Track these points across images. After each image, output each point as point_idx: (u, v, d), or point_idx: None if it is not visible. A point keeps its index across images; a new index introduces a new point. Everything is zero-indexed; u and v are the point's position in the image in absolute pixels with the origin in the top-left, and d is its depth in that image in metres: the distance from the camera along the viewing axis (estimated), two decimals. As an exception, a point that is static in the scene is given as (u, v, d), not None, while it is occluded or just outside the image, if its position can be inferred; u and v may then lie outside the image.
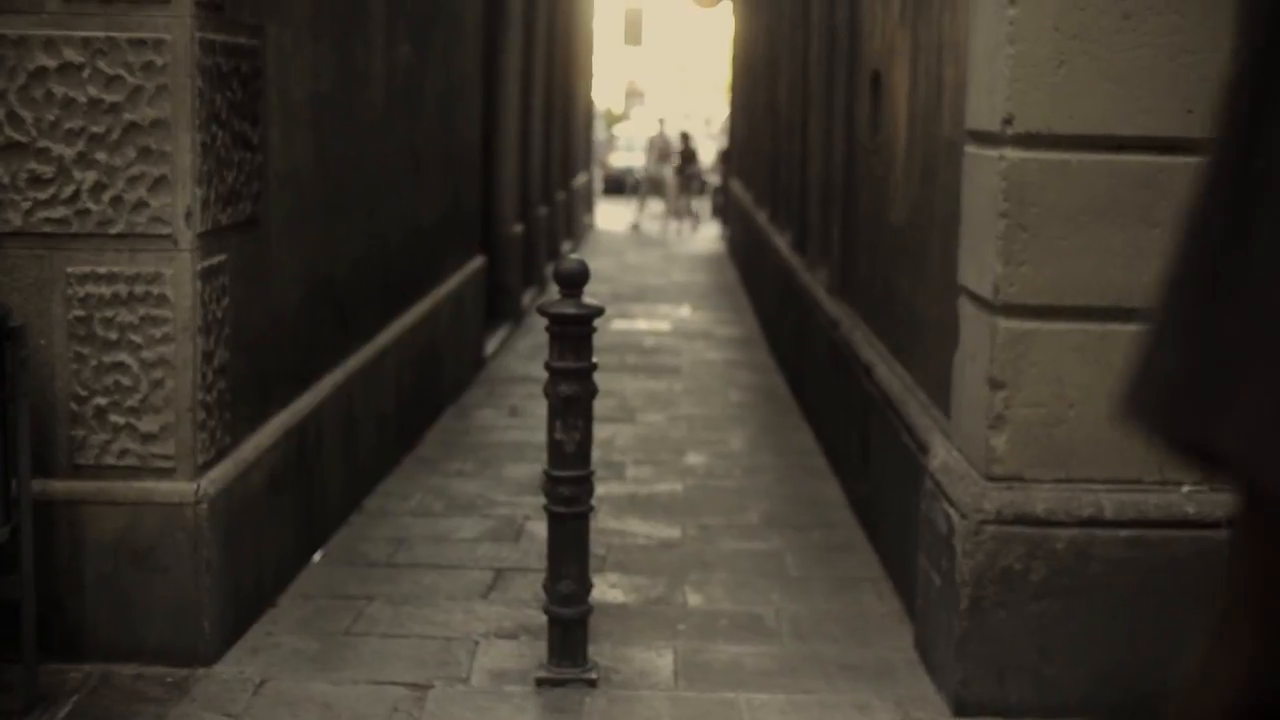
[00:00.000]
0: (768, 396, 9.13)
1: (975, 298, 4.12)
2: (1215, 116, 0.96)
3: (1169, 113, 3.84)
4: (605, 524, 5.89)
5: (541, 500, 4.35)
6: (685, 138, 24.31)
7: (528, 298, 12.27)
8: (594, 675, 4.23)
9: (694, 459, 7.23)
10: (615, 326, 11.45)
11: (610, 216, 24.64)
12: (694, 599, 5.03)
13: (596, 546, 5.16)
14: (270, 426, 4.90)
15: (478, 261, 9.77)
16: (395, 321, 7.01)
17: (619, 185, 28.61)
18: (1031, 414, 3.95)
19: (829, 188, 7.75)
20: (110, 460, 4.18)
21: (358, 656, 4.41)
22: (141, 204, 4.10)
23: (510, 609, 4.88)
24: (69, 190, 4.09)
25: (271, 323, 4.91)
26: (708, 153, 30.43)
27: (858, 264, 6.75)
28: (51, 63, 4.04)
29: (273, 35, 4.82)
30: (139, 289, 4.13)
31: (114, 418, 4.17)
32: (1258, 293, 0.83)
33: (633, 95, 39.14)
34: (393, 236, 6.91)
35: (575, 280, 4.13)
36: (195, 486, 4.20)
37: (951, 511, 4.09)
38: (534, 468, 6.70)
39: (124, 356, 4.15)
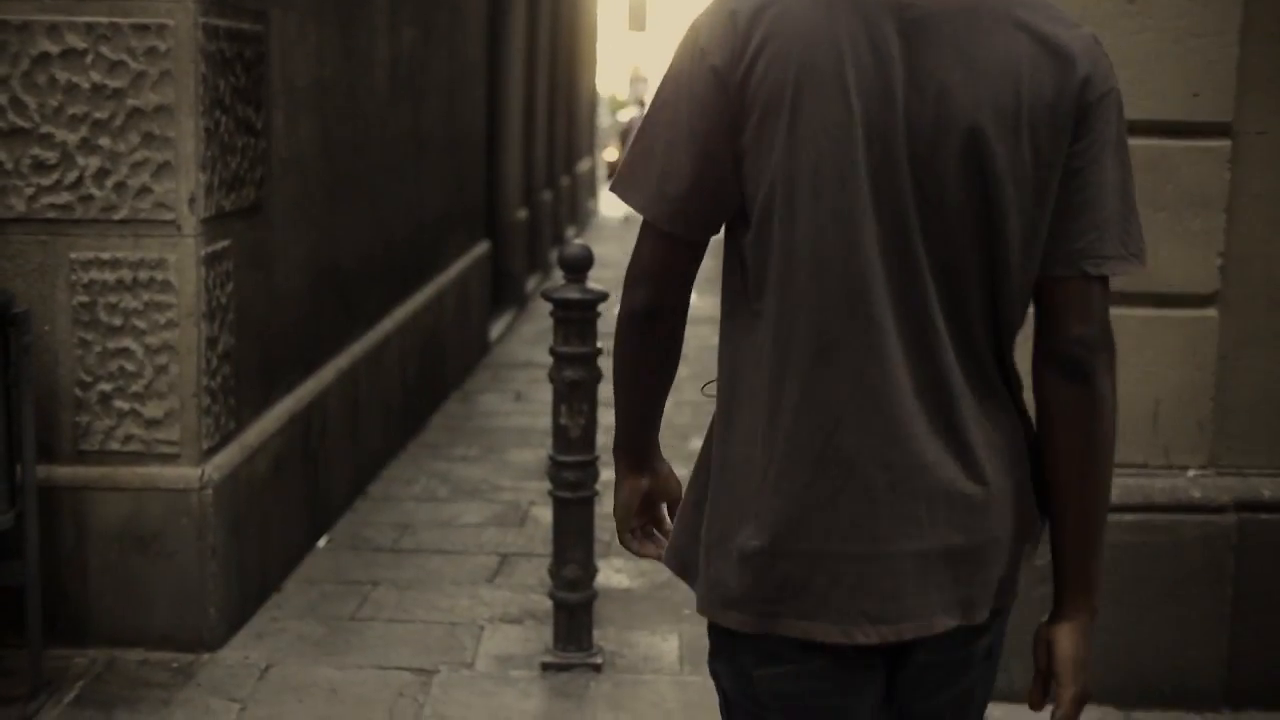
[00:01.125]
0: (772, 382, 9.11)
1: (980, 282, 4.12)
2: None
3: (1174, 96, 3.83)
4: (610, 509, 5.88)
5: (546, 485, 4.35)
6: None
7: (532, 283, 12.26)
8: (599, 660, 4.24)
9: (698, 444, 7.21)
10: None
11: (614, 202, 24.62)
12: (699, 584, 5.03)
13: (601, 531, 5.15)
14: (275, 412, 4.90)
15: (482, 247, 9.76)
16: (399, 307, 7.01)
17: None
18: (1036, 398, 3.95)
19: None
20: (115, 446, 4.18)
21: (363, 641, 4.41)
22: (145, 190, 4.10)
23: (515, 594, 4.89)
24: (72, 176, 4.08)
25: (275, 308, 4.91)
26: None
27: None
28: (55, 48, 4.04)
29: (276, 20, 4.81)
30: (143, 275, 4.13)
31: (118, 403, 4.17)
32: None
33: (637, 81, 39.12)
34: (397, 222, 6.90)
35: (580, 265, 4.13)
36: (200, 472, 4.20)
37: (956, 496, 4.09)
38: (539, 453, 6.70)
39: (128, 342, 4.15)
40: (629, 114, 23.90)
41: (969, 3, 1.75)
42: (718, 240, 1.90)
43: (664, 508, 2.26)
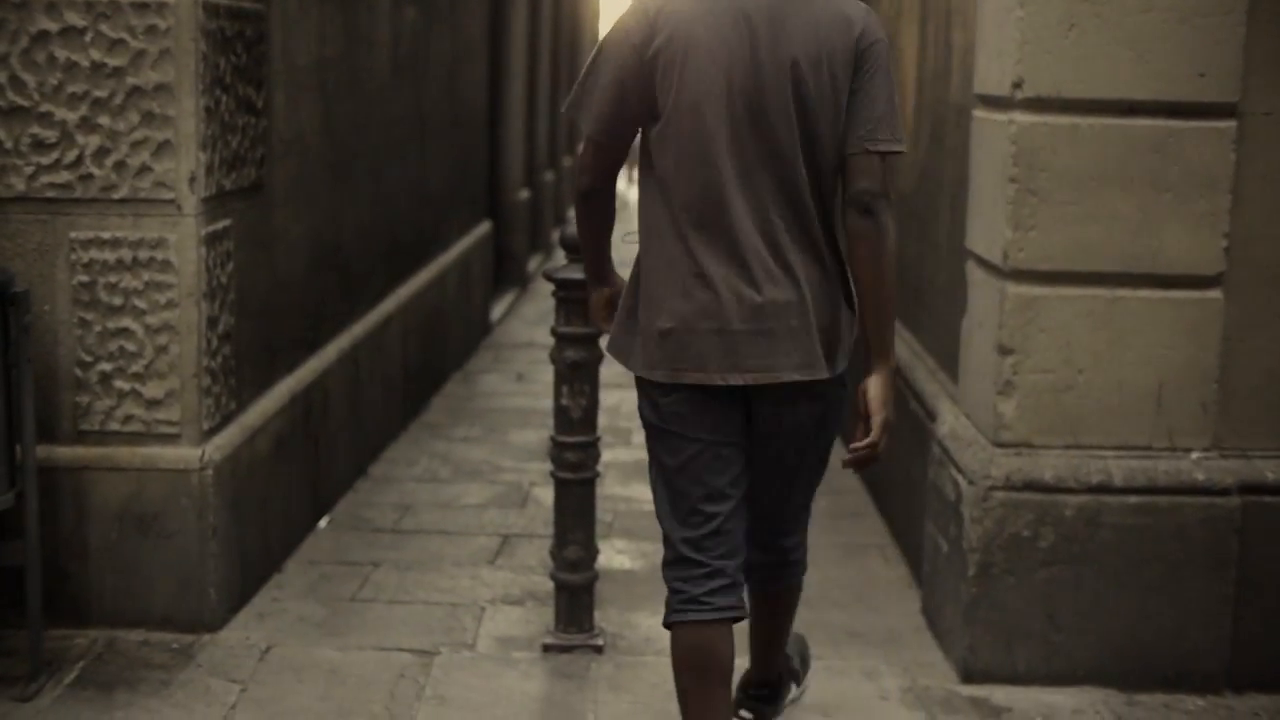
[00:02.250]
0: (774, 363, 9.09)
1: (984, 263, 4.10)
2: None
3: (1180, 76, 3.81)
4: (611, 490, 5.89)
5: (548, 466, 4.34)
6: None
7: (534, 263, 12.24)
8: (600, 641, 4.23)
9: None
10: (622, 292, 11.42)
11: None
12: (700, 565, 5.02)
13: (603, 512, 5.15)
14: (276, 392, 4.89)
15: (484, 227, 9.74)
16: (401, 287, 6.99)
17: None
18: (1040, 380, 3.93)
19: (836, 153, 7.72)
20: (115, 426, 4.17)
21: (364, 623, 4.41)
22: (145, 169, 4.08)
23: (517, 575, 4.88)
24: (72, 155, 4.06)
25: (277, 288, 4.90)
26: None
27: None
28: (54, 26, 4.01)
29: (276, -2, 4.79)
30: (143, 254, 4.11)
31: (119, 383, 4.16)
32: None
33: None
34: (398, 202, 6.89)
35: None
36: (200, 452, 4.19)
37: (959, 478, 4.08)
38: (540, 433, 6.70)
39: (128, 322, 4.14)
40: None
41: None
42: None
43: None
